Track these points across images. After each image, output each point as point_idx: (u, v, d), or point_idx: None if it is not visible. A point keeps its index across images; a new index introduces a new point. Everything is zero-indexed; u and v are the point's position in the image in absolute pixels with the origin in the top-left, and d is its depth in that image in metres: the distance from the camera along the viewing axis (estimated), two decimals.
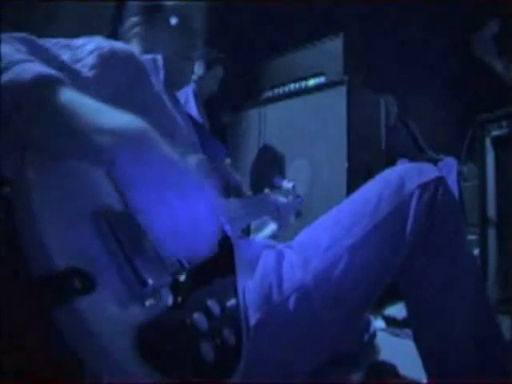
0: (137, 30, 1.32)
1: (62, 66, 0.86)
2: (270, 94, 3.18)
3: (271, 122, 3.10)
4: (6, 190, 0.60)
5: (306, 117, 2.89)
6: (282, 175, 2.92)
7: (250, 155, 3.17)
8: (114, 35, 1.31)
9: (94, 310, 0.57)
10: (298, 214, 1.53)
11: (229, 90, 3.14)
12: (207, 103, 3.03)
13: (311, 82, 2.96)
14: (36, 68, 0.65)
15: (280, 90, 3.12)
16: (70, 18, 2.38)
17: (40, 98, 0.63)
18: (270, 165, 3.04)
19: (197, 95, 2.89)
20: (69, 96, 0.66)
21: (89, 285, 0.57)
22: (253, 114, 3.21)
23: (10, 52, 0.67)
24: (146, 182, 0.67)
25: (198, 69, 2.90)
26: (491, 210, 2.01)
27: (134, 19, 1.32)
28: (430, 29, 4.39)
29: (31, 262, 0.57)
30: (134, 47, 1.31)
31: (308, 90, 2.95)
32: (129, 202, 0.68)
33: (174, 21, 1.32)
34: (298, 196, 1.57)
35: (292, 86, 3.05)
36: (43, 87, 0.64)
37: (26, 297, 0.59)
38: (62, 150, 0.65)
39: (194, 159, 0.89)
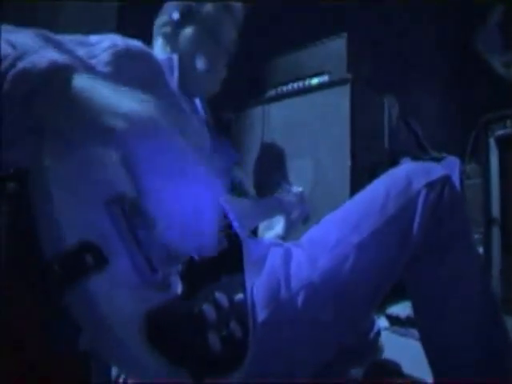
0: (165, 29, 1.33)
1: (76, 60, 0.87)
2: (273, 92, 3.18)
3: (274, 121, 3.10)
4: (11, 186, 0.61)
5: (309, 115, 2.89)
6: (284, 173, 2.92)
7: (253, 153, 3.18)
8: (120, 31, 1.32)
9: (104, 293, 0.57)
10: (306, 220, 1.53)
11: (232, 87, 3.14)
12: (211, 100, 3.02)
13: (315, 81, 2.95)
14: (51, 56, 0.66)
15: (283, 89, 3.12)
16: (73, 17, 2.39)
17: (55, 85, 0.65)
18: (272, 163, 3.05)
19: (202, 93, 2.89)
20: (83, 82, 0.67)
21: (101, 260, 0.58)
22: (256, 112, 3.22)
23: (26, 41, 0.68)
24: (155, 168, 0.68)
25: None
26: (495, 210, 2.01)
27: (165, 18, 1.34)
28: (434, 28, 4.39)
29: (45, 245, 0.57)
30: (158, 45, 1.32)
31: (311, 89, 2.95)
32: (137, 184, 0.69)
33: (175, 16, 1.33)
34: (307, 201, 1.57)
35: (295, 85, 3.05)
36: (58, 74, 0.65)
37: (38, 280, 0.60)
38: (76, 133, 0.66)
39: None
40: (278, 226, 1.45)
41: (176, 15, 1.33)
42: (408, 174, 1.06)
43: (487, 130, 2.06)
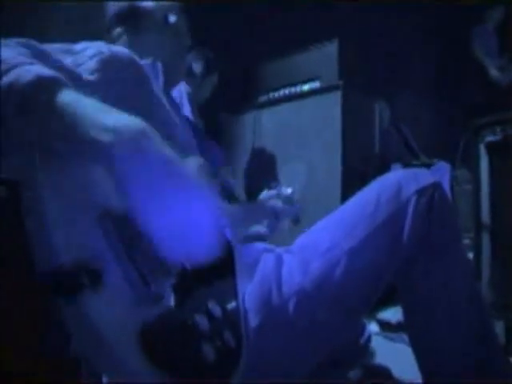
0: (123, 38, 1.32)
1: (63, 69, 0.86)
2: (265, 97, 3.19)
3: (266, 126, 3.11)
4: (0, 189, 0.61)
5: (300, 121, 2.90)
6: (275, 179, 2.93)
7: (244, 159, 3.18)
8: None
9: (98, 307, 0.57)
10: (297, 221, 1.53)
11: (224, 93, 3.15)
12: (202, 106, 3.03)
13: (306, 87, 2.97)
14: (36, 70, 0.65)
15: (275, 94, 3.13)
16: (68, 19, 2.38)
17: (40, 100, 0.64)
18: (263, 168, 3.05)
19: (191, 97, 2.90)
20: (68, 96, 0.66)
21: (96, 280, 0.58)
22: (248, 117, 3.22)
23: (12, 55, 0.68)
24: (144, 182, 0.66)
25: (197, 68, 2.91)
26: (485, 216, 2.03)
27: (119, 30, 1.33)
28: (425, 34, 4.42)
29: (38, 260, 0.57)
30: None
31: (303, 95, 2.97)
32: (127, 200, 0.66)
33: (172, 19, 1.33)
34: (296, 202, 1.57)
35: (287, 91, 3.07)
36: (43, 88, 0.64)
37: (31, 293, 0.60)
38: (63, 148, 0.66)
39: (193, 162, 0.89)
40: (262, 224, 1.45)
41: (172, 18, 1.33)
42: (398, 181, 1.07)
43: (477, 136, 2.07)
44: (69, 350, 0.60)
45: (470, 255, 2.05)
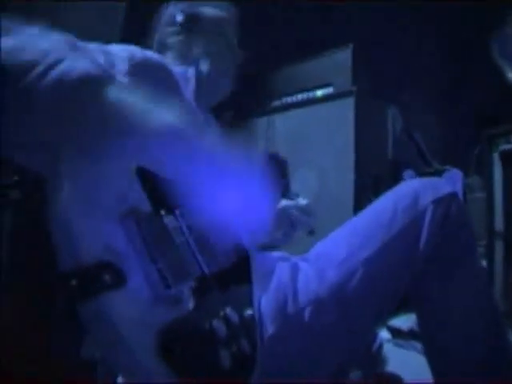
0: (173, 40, 1.33)
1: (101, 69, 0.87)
2: (278, 103, 3.19)
3: (279, 131, 3.11)
4: (14, 194, 0.62)
5: (313, 127, 2.90)
6: (288, 183, 2.92)
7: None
8: (125, 41, 1.32)
9: (117, 306, 0.58)
10: (311, 232, 1.53)
11: (238, 98, 3.15)
12: (214, 109, 3.02)
13: (319, 93, 2.97)
14: (82, 65, 0.66)
15: (288, 100, 3.14)
16: (72, 19, 2.38)
17: (86, 95, 0.65)
18: (275, 173, 3.04)
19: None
20: (116, 94, 0.68)
21: (119, 279, 0.59)
22: (261, 122, 3.23)
23: (57, 47, 0.68)
24: (194, 175, 0.70)
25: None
26: (498, 224, 2.02)
27: (171, 29, 1.34)
28: (439, 42, 4.40)
29: (60, 257, 0.58)
30: (168, 58, 1.32)
31: (316, 101, 2.97)
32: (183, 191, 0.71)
33: (179, 18, 1.33)
34: (313, 214, 1.57)
35: (300, 96, 3.07)
36: (89, 84, 0.66)
37: (54, 290, 0.61)
38: (99, 145, 0.67)
39: None
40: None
41: (180, 17, 1.33)
42: (415, 190, 1.07)
43: (491, 145, 2.06)
44: (83, 351, 0.61)
45: (483, 263, 2.05)
